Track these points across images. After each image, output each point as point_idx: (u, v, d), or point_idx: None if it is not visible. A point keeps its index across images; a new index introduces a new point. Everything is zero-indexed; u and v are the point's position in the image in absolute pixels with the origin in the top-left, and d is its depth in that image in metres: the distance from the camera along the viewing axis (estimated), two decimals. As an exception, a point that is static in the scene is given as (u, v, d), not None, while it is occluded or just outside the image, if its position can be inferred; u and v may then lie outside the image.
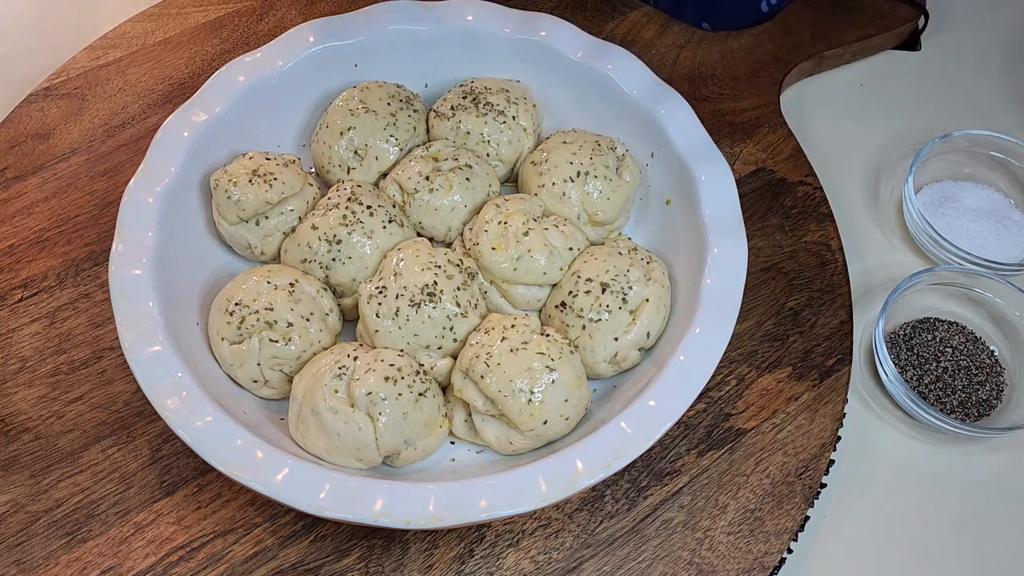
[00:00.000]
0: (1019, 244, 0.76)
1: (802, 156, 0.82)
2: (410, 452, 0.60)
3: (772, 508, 0.63)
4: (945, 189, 0.80)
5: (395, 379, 0.58)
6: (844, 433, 0.69)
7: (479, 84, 0.74)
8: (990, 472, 0.68)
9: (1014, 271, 0.72)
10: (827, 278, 0.74)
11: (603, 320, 0.62)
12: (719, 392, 0.68)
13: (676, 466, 0.65)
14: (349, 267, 0.65)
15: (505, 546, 0.61)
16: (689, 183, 0.68)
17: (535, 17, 0.76)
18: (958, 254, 0.73)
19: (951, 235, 0.75)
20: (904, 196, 0.76)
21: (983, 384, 0.70)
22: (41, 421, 0.66)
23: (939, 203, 0.78)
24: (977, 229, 0.76)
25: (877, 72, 0.92)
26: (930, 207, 0.78)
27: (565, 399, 0.59)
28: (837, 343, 0.71)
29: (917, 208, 0.75)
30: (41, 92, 0.85)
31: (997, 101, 0.90)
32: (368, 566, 0.60)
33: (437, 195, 0.68)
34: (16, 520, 0.62)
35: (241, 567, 0.60)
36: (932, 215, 0.77)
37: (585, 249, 0.68)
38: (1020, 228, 0.77)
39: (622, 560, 0.61)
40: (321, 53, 0.74)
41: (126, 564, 0.60)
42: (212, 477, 0.63)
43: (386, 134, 0.71)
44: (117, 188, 0.78)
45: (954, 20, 0.96)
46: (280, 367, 0.62)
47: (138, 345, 0.58)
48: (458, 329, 0.63)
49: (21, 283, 0.73)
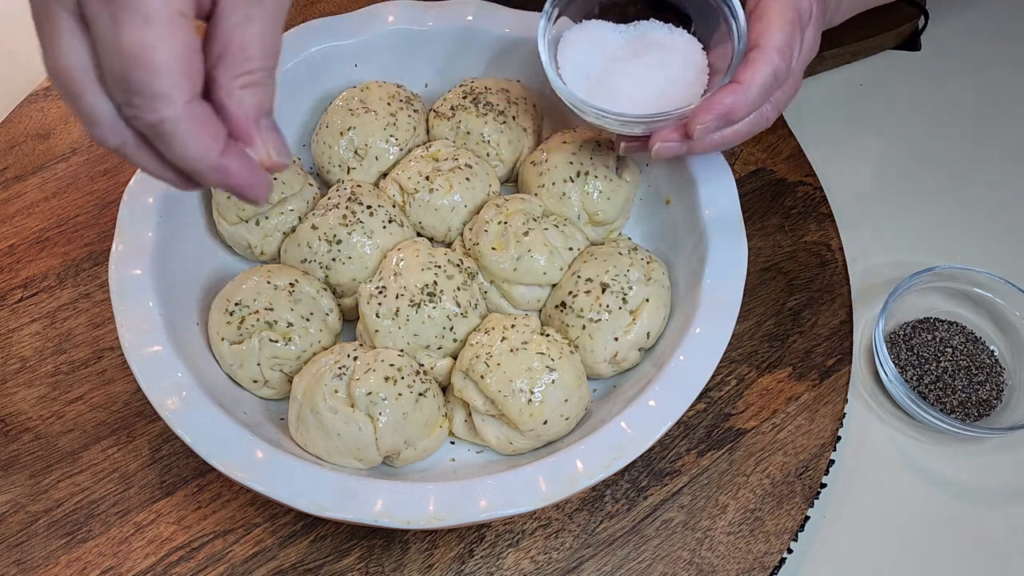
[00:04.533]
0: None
1: (802, 156, 0.82)
2: (410, 452, 0.60)
3: (772, 508, 0.63)
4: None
5: (395, 379, 0.58)
6: (844, 433, 0.69)
7: (479, 84, 0.74)
8: (990, 472, 0.68)
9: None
10: (827, 278, 0.74)
11: (603, 320, 0.62)
12: (719, 392, 0.68)
13: (676, 466, 0.65)
14: (349, 267, 0.65)
15: (505, 546, 0.61)
16: (689, 183, 0.68)
17: (535, 17, 0.76)
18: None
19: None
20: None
21: (983, 384, 0.70)
22: (41, 421, 0.66)
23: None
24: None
25: (877, 72, 0.92)
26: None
27: (565, 399, 0.59)
28: (837, 343, 0.71)
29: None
30: (41, 92, 0.85)
31: (997, 101, 0.90)
32: (368, 566, 0.60)
33: (437, 195, 0.68)
34: (16, 520, 0.62)
35: (241, 567, 0.60)
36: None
37: (585, 249, 0.68)
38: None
39: (622, 560, 0.61)
40: (321, 53, 0.74)
41: (126, 564, 0.60)
42: (212, 477, 0.63)
43: (386, 134, 0.71)
44: (117, 188, 0.78)
45: (954, 20, 0.96)
46: (280, 367, 0.62)
47: (138, 345, 0.58)
48: (458, 329, 0.63)
49: (21, 283, 0.73)
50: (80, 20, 0.39)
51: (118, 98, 0.40)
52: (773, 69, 0.55)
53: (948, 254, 0.78)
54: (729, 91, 0.54)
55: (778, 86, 0.56)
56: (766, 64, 0.54)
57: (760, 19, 0.55)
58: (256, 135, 0.43)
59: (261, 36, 0.42)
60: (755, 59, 0.55)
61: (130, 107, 0.39)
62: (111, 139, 0.42)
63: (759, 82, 0.54)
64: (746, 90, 0.54)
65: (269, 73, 0.42)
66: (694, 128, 0.55)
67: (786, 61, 0.55)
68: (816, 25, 0.59)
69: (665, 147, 0.58)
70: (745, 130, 0.59)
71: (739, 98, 0.54)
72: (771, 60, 0.54)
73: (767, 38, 0.55)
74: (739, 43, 0.57)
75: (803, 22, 0.56)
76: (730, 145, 0.59)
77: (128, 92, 0.39)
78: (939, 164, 0.85)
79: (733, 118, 0.55)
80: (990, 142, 0.87)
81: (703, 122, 0.55)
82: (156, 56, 0.38)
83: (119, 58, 0.38)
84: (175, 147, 0.40)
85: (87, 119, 0.41)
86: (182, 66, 0.39)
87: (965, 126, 0.88)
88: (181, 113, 0.39)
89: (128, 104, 0.39)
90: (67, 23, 0.39)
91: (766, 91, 0.55)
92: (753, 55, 0.55)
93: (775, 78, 0.55)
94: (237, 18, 0.41)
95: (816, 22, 0.58)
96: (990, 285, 0.72)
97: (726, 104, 0.54)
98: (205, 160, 0.41)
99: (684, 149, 0.58)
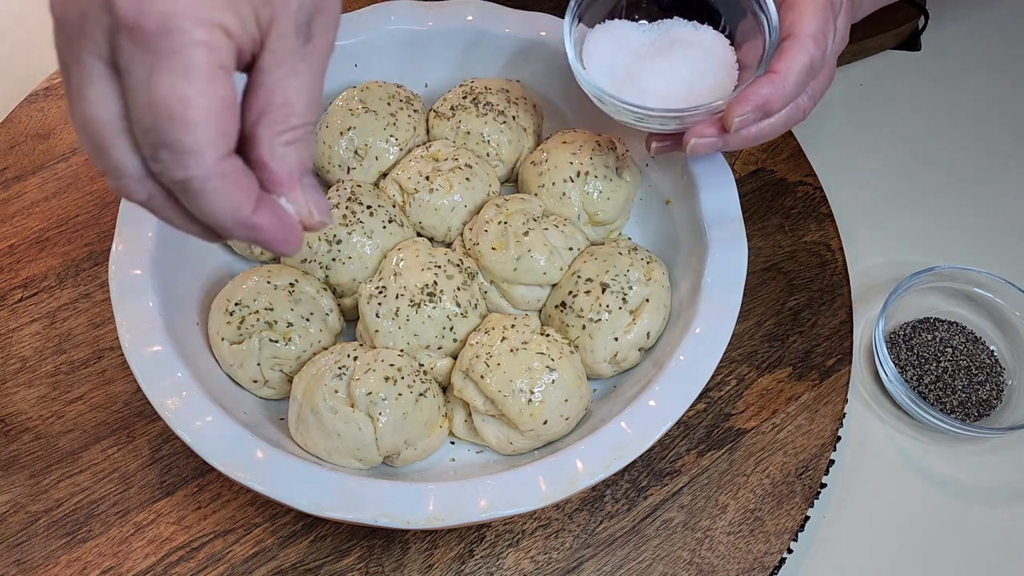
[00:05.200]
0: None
1: (802, 156, 0.82)
2: (410, 452, 0.60)
3: (772, 508, 0.63)
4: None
5: (395, 379, 0.58)
6: (844, 433, 0.69)
7: (479, 84, 0.74)
8: (990, 472, 0.68)
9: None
10: (827, 278, 0.74)
11: (603, 320, 0.62)
12: (719, 392, 0.68)
13: (676, 466, 0.65)
14: (349, 267, 0.65)
15: (505, 546, 0.61)
16: (689, 183, 0.68)
17: (535, 17, 0.76)
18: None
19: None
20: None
21: (983, 384, 0.70)
22: (41, 421, 0.66)
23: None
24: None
25: (877, 72, 0.92)
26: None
27: (565, 399, 0.59)
28: (837, 343, 0.71)
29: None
30: (41, 92, 0.85)
31: (997, 101, 0.90)
32: (368, 566, 0.60)
33: (437, 195, 0.68)
34: (16, 520, 0.62)
35: (241, 567, 0.60)
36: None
37: (585, 249, 0.68)
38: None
39: (622, 560, 0.61)
40: (321, 53, 0.74)
41: (126, 564, 0.60)
42: (212, 477, 0.63)
43: (386, 134, 0.71)
44: (117, 188, 0.78)
45: (954, 20, 0.96)
46: (280, 367, 0.62)
47: (138, 345, 0.57)
48: (458, 329, 0.63)
49: (21, 283, 0.73)
50: (113, 68, 0.37)
51: (146, 151, 0.38)
52: (809, 57, 0.53)
53: (948, 254, 0.78)
54: (765, 81, 0.53)
55: (814, 75, 0.55)
56: (802, 52, 0.53)
57: (792, 8, 0.54)
58: (299, 194, 0.41)
59: (306, 91, 0.40)
60: (790, 48, 0.53)
61: (157, 162, 0.37)
62: (137, 193, 0.40)
63: (796, 70, 0.53)
64: (783, 79, 0.53)
65: (312, 128, 0.41)
66: (731, 121, 0.53)
67: (821, 49, 0.54)
68: (847, 13, 0.57)
69: (701, 143, 0.56)
70: (781, 123, 0.57)
71: (776, 88, 0.53)
72: (806, 48, 0.53)
73: (801, 26, 0.53)
74: (771, 34, 0.56)
75: (835, 9, 0.55)
76: (766, 139, 0.58)
77: (157, 146, 0.37)
78: (939, 164, 0.85)
79: (770, 109, 0.54)
80: (990, 142, 0.87)
81: (741, 114, 0.53)
82: (192, 112, 0.36)
83: (152, 111, 0.36)
84: (202, 205, 0.39)
85: (113, 173, 0.39)
86: (218, 123, 0.37)
87: (965, 126, 0.88)
88: (211, 171, 0.37)
89: (155, 159, 0.37)
90: (99, 71, 0.37)
91: (803, 80, 0.54)
92: (787, 44, 0.53)
93: (811, 66, 0.54)
94: (282, 72, 0.39)
95: (847, 11, 0.57)
96: (990, 285, 0.72)
97: (763, 95, 0.53)
98: (235, 217, 0.39)
99: (720, 144, 0.56)
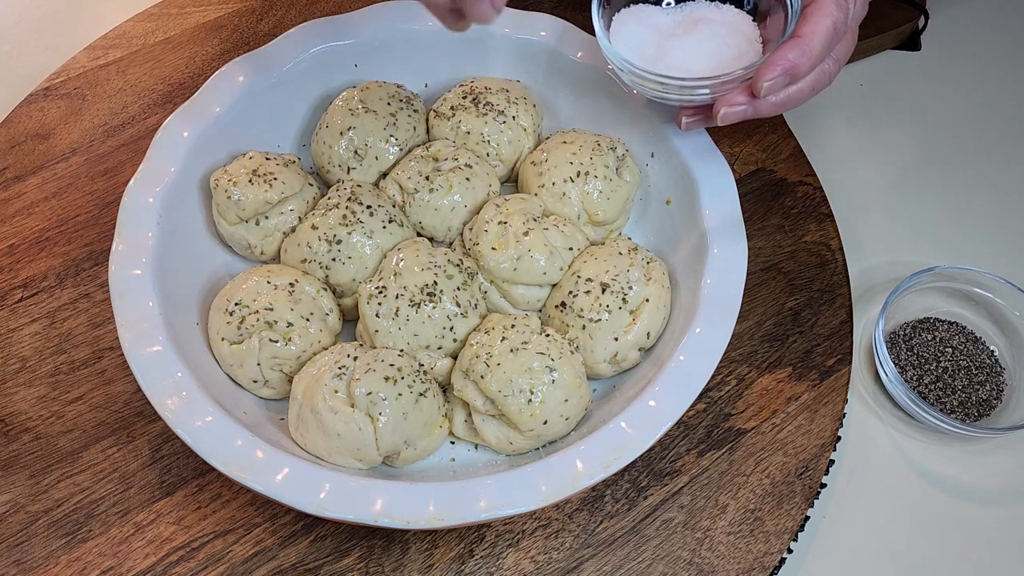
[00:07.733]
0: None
1: (802, 156, 0.82)
2: (410, 452, 0.60)
3: (772, 508, 0.63)
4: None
5: (395, 379, 0.58)
6: (844, 433, 0.69)
7: (479, 84, 0.74)
8: (990, 472, 0.68)
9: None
10: (827, 278, 0.74)
11: (603, 320, 0.62)
12: (719, 392, 0.68)
13: (676, 466, 0.65)
14: (349, 267, 0.65)
15: (505, 546, 0.61)
16: (689, 183, 0.68)
17: (535, 17, 0.76)
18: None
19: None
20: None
21: (983, 384, 0.70)
22: (41, 421, 0.66)
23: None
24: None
25: (877, 72, 0.92)
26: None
27: (565, 399, 0.59)
28: (837, 343, 0.71)
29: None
30: (41, 92, 0.85)
31: (997, 101, 0.90)
32: (368, 566, 0.60)
33: (437, 195, 0.68)
34: (16, 520, 0.62)
35: (241, 567, 0.60)
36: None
37: (585, 249, 0.68)
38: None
39: (622, 560, 0.61)
40: (321, 53, 0.74)
41: (126, 564, 0.60)
42: (212, 477, 0.63)
43: (386, 134, 0.71)
44: (117, 188, 0.78)
45: (954, 20, 0.96)
46: (280, 367, 0.62)
47: (138, 345, 0.58)
48: (458, 329, 0.63)
49: (21, 283, 0.73)
50: None
51: None
52: (832, 20, 0.55)
53: (948, 254, 0.78)
54: (791, 45, 0.54)
55: (838, 39, 0.56)
56: (825, 16, 0.54)
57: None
58: None
59: None
60: (814, 12, 0.55)
61: None
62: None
63: (821, 32, 0.54)
64: (808, 42, 0.54)
65: None
66: (761, 86, 0.55)
67: (844, 12, 0.55)
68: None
69: (731, 111, 0.58)
70: (808, 87, 0.58)
71: (803, 51, 0.54)
72: (830, 11, 0.55)
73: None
74: (793, 3, 0.57)
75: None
76: (794, 106, 0.59)
77: None
78: (939, 164, 0.85)
79: (798, 72, 0.55)
80: (990, 142, 0.87)
81: (770, 78, 0.55)
82: None
83: None
84: None
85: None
86: None
87: (965, 126, 0.88)
88: None
89: None
90: None
91: (828, 43, 0.55)
92: (811, 9, 0.55)
93: (835, 29, 0.55)
94: None
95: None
96: (990, 285, 0.72)
97: (790, 59, 0.54)
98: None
99: (751, 111, 0.58)
